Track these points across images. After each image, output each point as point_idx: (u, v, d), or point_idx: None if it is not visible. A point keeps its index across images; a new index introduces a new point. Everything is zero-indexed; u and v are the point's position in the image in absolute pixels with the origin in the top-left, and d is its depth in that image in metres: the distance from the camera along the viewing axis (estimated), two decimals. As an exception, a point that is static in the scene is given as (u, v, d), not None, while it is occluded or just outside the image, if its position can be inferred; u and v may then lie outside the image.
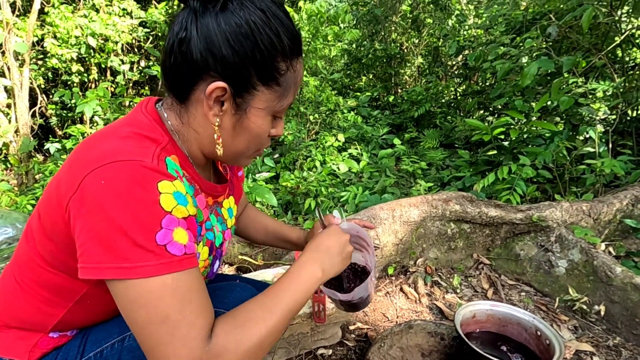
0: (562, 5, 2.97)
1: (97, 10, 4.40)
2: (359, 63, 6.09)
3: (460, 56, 4.77)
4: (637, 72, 2.80)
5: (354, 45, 6.06)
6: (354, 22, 5.75)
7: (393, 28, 5.81)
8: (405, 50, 5.78)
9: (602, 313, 1.60)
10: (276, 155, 3.75)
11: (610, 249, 1.87)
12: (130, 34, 4.52)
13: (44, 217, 0.65)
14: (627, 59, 2.97)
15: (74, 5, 4.49)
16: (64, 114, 5.03)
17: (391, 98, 5.49)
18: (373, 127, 4.19)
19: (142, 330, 0.55)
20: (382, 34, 5.86)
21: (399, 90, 5.95)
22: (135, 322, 0.56)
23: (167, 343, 0.54)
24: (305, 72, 4.06)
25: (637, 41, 2.83)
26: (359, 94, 5.51)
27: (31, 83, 3.97)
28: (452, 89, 4.95)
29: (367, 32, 6.00)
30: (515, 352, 1.26)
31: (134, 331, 0.57)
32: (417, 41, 5.72)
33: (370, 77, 6.33)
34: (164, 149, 0.63)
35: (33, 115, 4.27)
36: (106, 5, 4.42)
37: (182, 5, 0.64)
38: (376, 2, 5.86)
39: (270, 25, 0.61)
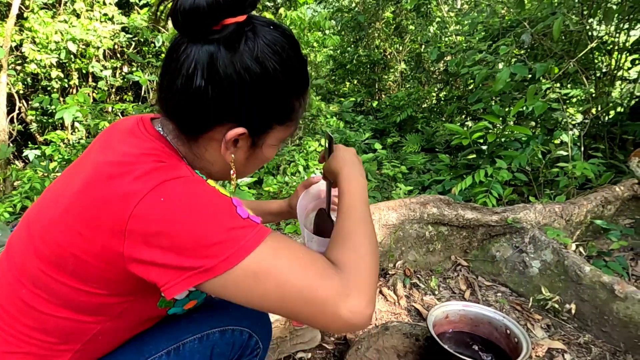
0: (538, 13, 3.07)
1: (78, 16, 4.36)
2: (344, 69, 6.16)
3: (442, 62, 4.86)
4: (608, 78, 2.90)
5: (338, 52, 6.13)
6: (338, 28, 5.82)
7: (376, 34, 5.90)
8: (389, 57, 5.86)
9: (573, 311, 1.65)
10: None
11: (581, 249, 1.93)
12: (112, 40, 4.49)
13: (58, 256, 0.57)
14: (598, 65, 3.08)
15: (54, 10, 4.44)
16: (44, 120, 4.96)
17: (375, 103, 5.56)
18: (356, 132, 4.23)
19: (283, 295, 0.54)
20: (366, 40, 5.93)
21: (383, 96, 6.03)
22: (267, 295, 0.54)
23: (310, 285, 0.53)
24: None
25: (608, 48, 2.94)
26: (343, 99, 5.55)
27: (9, 89, 3.91)
28: (434, 94, 5.04)
29: (351, 38, 6.07)
30: (486, 351, 1.30)
31: (271, 308, 0.55)
32: (399, 47, 5.81)
33: (355, 82, 6.40)
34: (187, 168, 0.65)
35: (12, 122, 4.20)
36: (87, 11, 4.38)
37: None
38: (360, 9, 5.94)
39: (286, 71, 0.61)
